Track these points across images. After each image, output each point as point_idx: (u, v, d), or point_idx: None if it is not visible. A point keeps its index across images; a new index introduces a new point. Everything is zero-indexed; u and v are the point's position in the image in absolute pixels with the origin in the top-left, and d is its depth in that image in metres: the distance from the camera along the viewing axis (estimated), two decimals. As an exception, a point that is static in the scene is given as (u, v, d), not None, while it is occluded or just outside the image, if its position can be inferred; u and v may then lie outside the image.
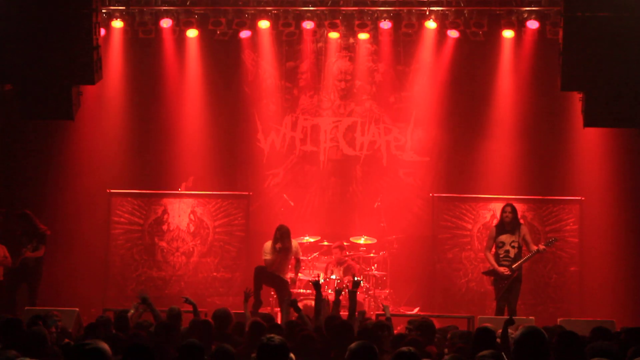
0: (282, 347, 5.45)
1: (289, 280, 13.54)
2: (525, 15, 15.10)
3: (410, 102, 16.39)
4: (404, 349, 5.55)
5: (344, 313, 11.09)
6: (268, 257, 13.25)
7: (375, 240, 15.21)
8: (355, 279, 10.73)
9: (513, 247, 13.10)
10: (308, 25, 15.55)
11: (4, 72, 12.04)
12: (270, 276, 13.26)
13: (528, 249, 13.17)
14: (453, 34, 15.51)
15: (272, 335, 5.57)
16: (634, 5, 11.56)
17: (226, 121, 16.40)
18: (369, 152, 16.44)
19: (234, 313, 9.78)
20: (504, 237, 13.15)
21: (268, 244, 13.33)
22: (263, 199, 16.29)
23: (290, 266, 13.66)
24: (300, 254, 13.93)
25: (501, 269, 13.07)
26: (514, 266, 13.05)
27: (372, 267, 14.95)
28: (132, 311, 10.80)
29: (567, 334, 6.62)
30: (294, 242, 13.48)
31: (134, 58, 16.11)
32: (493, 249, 13.28)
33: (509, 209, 13.25)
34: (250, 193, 15.95)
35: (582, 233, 15.35)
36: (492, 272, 13.30)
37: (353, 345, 5.70)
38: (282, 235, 13.18)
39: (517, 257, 13.11)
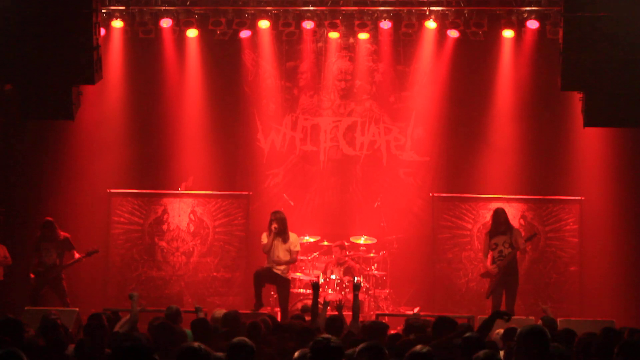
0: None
1: (290, 278, 13.54)
2: (525, 15, 15.08)
3: (410, 102, 16.37)
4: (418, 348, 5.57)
5: (347, 313, 11.09)
6: (264, 241, 13.28)
7: (375, 240, 15.21)
8: (355, 280, 10.71)
9: (505, 247, 13.21)
10: (308, 25, 15.53)
11: (4, 72, 12.03)
12: (270, 275, 13.26)
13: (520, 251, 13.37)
14: (453, 34, 15.50)
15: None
16: (634, 5, 11.55)
17: (226, 121, 16.39)
18: (369, 152, 16.43)
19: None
20: (496, 239, 13.28)
21: (264, 233, 13.37)
22: (263, 199, 16.28)
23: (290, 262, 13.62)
24: (297, 247, 13.57)
25: (491, 267, 13.27)
26: (499, 264, 13.16)
27: (372, 267, 14.95)
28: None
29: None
30: (293, 235, 13.41)
31: (134, 58, 16.09)
32: (489, 254, 13.39)
33: (501, 211, 13.38)
34: (250, 193, 15.95)
35: (582, 233, 15.36)
36: (487, 274, 13.49)
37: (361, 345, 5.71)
38: (277, 219, 13.20)
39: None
